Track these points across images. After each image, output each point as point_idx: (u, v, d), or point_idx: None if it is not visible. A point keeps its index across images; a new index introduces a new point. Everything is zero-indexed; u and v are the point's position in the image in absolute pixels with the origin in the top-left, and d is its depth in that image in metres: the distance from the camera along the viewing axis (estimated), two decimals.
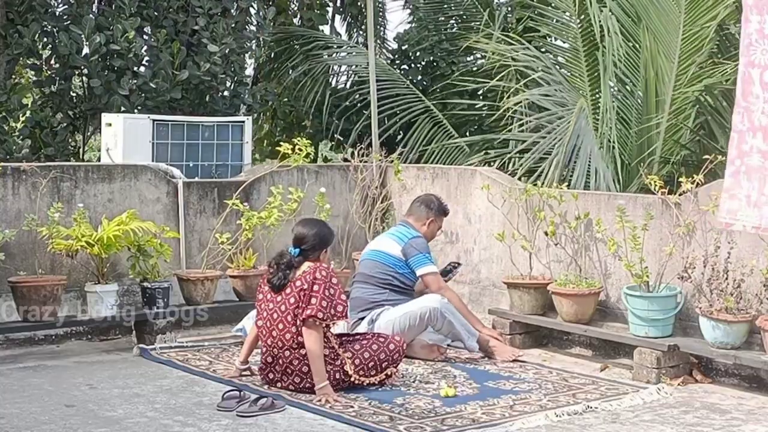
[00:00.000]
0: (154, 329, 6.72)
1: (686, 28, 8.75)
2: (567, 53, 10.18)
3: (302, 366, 5.55)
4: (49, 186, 6.84)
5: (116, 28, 9.31)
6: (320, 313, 5.45)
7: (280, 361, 5.59)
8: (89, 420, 5.03)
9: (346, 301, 5.66)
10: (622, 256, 6.40)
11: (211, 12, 10.00)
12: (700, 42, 8.74)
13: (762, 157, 5.06)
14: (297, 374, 5.57)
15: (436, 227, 7.00)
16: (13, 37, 9.30)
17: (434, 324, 6.41)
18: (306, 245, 5.69)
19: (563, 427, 5.07)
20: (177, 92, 9.66)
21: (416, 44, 11.95)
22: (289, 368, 5.57)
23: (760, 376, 5.88)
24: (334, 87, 11.88)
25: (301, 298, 5.51)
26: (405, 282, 6.71)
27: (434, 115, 11.04)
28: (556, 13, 10.37)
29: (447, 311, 6.42)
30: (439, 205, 7.00)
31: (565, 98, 9.18)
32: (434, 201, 7.02)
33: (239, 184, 7.66)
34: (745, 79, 5.07)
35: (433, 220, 6.94)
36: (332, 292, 5.53)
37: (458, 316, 6.49)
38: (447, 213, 7.12)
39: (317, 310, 5.45)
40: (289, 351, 5.56)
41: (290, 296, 5.56)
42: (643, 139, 9.06)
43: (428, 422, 5.06)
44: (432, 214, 6.93)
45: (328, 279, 5.54)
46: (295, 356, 5.55)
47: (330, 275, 5.57)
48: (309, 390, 5.54)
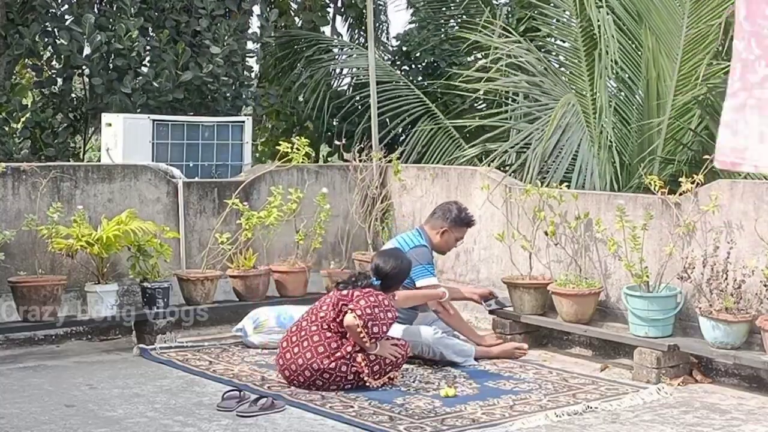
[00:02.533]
0: (154, 329, 6.72)
1: (689, 29, 8.74)
2: (567, 52, 10.17)
3: (319, 345, 5.63)
4: (48, 186, 6.85)
5: (119, 27, 9.32)
6: (359, 311, 5.58)
7: (303, 332, 5.70)
8: (89, 420, 5.03)
9: (386, 333, 5.75)
10: (622, 256, 6.40)
11: (213, 13, 10.00)
12: (703, 42, 8.72)
13: None
14: (311, 350, 5.63)
15: (453, 238, 6.72)
16: (14, 38, 9.30)
17: (424, 356, 6.32)
18: (388, 280, 5.93)
19: (563, 427, 5.07)
20: (179, 93, 9.66)
21: (417, 45, 11.95)
22: (307, 341, 5.65)
23: (760, 376, 5.88)
24: (335, 89, 11.88)
25: (355, 295, 5.69)
26: None
27: (435, 114, 11.03)
28: (556, 13, 10.36)
29: (439, 345, 6.30)
30: (457, 215, 6.68)
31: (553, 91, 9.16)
32: (453, 210, 6.72)
33: (239, 184, 7.66)
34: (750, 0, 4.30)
35: (447, 230, 6.67)
36: (381, 316, 5.66)
37: (450, 344, 6.35)
38: (469, 223, 6.77)
39: (361, 310, 5.58)
40: (316, 326, 5.70)
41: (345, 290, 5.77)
42: (644, 138, 9.05)
43: (428, 422, 5.06)
44: (447, 224, 6.67)
45: (386, 307, 5.72)
46: (319, 333, 5.66)
47: (389, 305, 5.76)
48: (315, 371, 5.59)
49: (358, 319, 5.56)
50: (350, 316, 5.59)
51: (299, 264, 7.46)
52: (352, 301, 5.67)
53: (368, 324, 5.57)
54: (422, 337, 6.29)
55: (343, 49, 12.21)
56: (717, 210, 6.05)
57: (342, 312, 5.65)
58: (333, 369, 5.60)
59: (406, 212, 8.22)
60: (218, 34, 9.96)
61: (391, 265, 5.95)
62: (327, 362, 5.60)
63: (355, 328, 5.58)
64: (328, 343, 5.64)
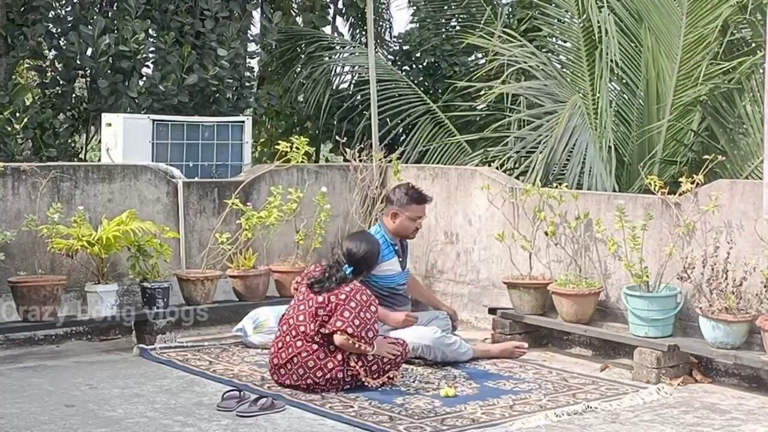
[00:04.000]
0: (154, 329, 6.72)
1: (688, 29, 8.74)
2: (569, 53, 10.17)
3: (308, 360, 5.57)
4: (48, 186, 6.85)
5: (126, 29, 9.31)
6: (350, 328, 5.50)
7: (289, 348, 5.62)
8: (89, 420, 5.03)
9: (378, 329, 5.70)
10: (622, 256, 6.40)
11: (218, 15, 10.00)
12: (703, 43, 8.72)
13: None
14: (302, 366, 5.58)
15: (407, 219, 6.52)
16: (18, 39, 9.29)
17: (426, 356, 6.28)
18: (361, 265, 5.83)
19: (563, 427, 5.06)
20: (184, 96, 9.66)
21: (418, 45, 11.94)
22: (296, 358, 5.59)
23: (760, 376, 5.87)
24: (336, 88, 11.87)
25: (331, 302, 5.58)
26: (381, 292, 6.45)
27: (436, 115, 11.03)
28: (558, 13, 10.36)
29: (440, 345, 6.28)
30: (403, 194, 6.50)
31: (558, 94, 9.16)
32: (397, 191, 6.54)
33: (239, 184, 7.66)
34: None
35: (397, 212, 6.51)
36: (368, 317, 5.59)
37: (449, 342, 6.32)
38: (418, 200, 6.53)
39: (348, 325, 5.50)
40: (301, 342, 5.60)
41: (320, 295, 5.64)
42: (644, 139, 9.05)
43: (428, 422, 5.06)
44: (395, 207, 6.50)
45: (367, 303, 5.62)
46: (305, 348, 5.58)
47: (370, 302, 5.65)
48: (310, 385, 5.57)
49: (351, 338, 5.50)
50: (341, 338, 5.51)
51: (299, 264, 7.45)
52: (334, 314, 5.54)
53: (361, 333, 5.52)
54: (422, 339, 6.27)
55: (344, 48, 12.21)
56: (717, 210, 6.04)
57: (323, 323, 5.56)
58: (328, 379, 5.58)
59: None
60: (225, 36, 9.97)
61: (363, 249, 5.85)
62: (320, 374, 5.57)
63: (351, 345, 5.52)
64: (317, 356, 5.57)
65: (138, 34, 9.32)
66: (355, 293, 5.64)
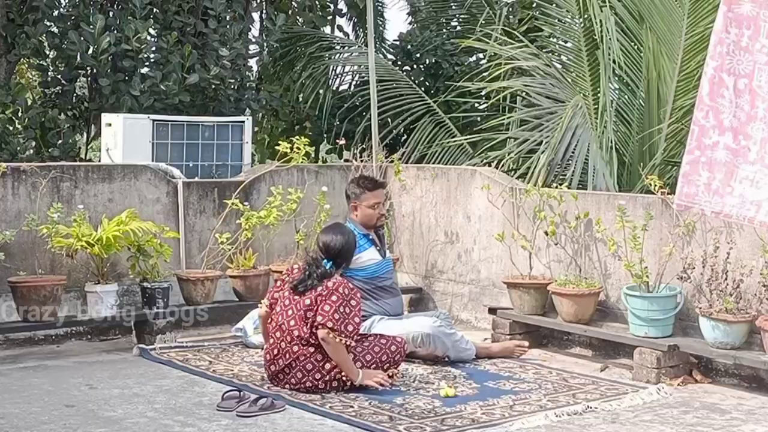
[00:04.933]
0: (154, 329, 6.72)
1: (689, 30, 8.74)
2: (570, 53, 10.17)
3: (306, 363, 5.56)
4: (48, 186, 6.85)
5: (128, 28, 9.31)
6: (330, 322, 5.47)
7: (286, 355, 5.60)
8: (89, 420, 5.03)
9: (360, 324, 5.67)
10: (622, 256, 6.39)
11: (221, 15, 10.00)
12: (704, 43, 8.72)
13: (731, 154, 5.46)
14: (300, 370, 5.57)
15: (366, 208, 6.48)
16: (20, 38, 9.29)
17: (426, 347, 6.28)
18: (340, 258, 5.78)
19: (563, 427, 5.06)
20: (185, 95, 9.66)
21: (419, 45, 11.94)
22: (294, 363, 5.58)
23: (760, 376, 5.87)
24: (336, 88, 11.87)
25: (317, 301, 5.56)
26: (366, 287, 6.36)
27: (437, 115, 11.03)
28: (559, 13, 10.36)
29: (440, 334, 6.28)
30: (357, 185, 6.51)
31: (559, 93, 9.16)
32: (351, 186, 6.56)
33: (239, 184, 7.66)
34: (715, 81, 5.50)
35: (356, 204, 6.51)
36: (348, 311, 5.55)
37: (450, 333, 6.34)
38: (372, 187, 6.53)
39: (328, 319, 5.47)
40: (297, 346, 5.58)
41: (307, 297, 5.61)
42: (645, 139, 9.05)
43: (428, 422, 5.06)
44: (352, 200, 6.52)
45: (348, 297, 5.57)
46: (302, 353, 5.56)
47: (351, 295, 5.60)
48: (310, 388, 5.56)
49: (331, 332, 5.46)
50: (322, 332, 5.47)
51: (299, 264, 7.44)
52: (318, 312, 5.52)
53: (341, 327, 5.47)
54: (422, 327, 6.26)
55: (345, 47, 12.20)
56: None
57: (313, 325, 5.54)
58: (327, 381, 5.57)
59: (406, 212, 8.22)
60: (227, 36, 9.96)
61: (339, 241, 5.80)
62: (319, 376, 5.56)
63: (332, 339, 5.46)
64: (314, 358, 5.55)
65: (141, 33, 9.32)
66: (337, 287, 5.59)
